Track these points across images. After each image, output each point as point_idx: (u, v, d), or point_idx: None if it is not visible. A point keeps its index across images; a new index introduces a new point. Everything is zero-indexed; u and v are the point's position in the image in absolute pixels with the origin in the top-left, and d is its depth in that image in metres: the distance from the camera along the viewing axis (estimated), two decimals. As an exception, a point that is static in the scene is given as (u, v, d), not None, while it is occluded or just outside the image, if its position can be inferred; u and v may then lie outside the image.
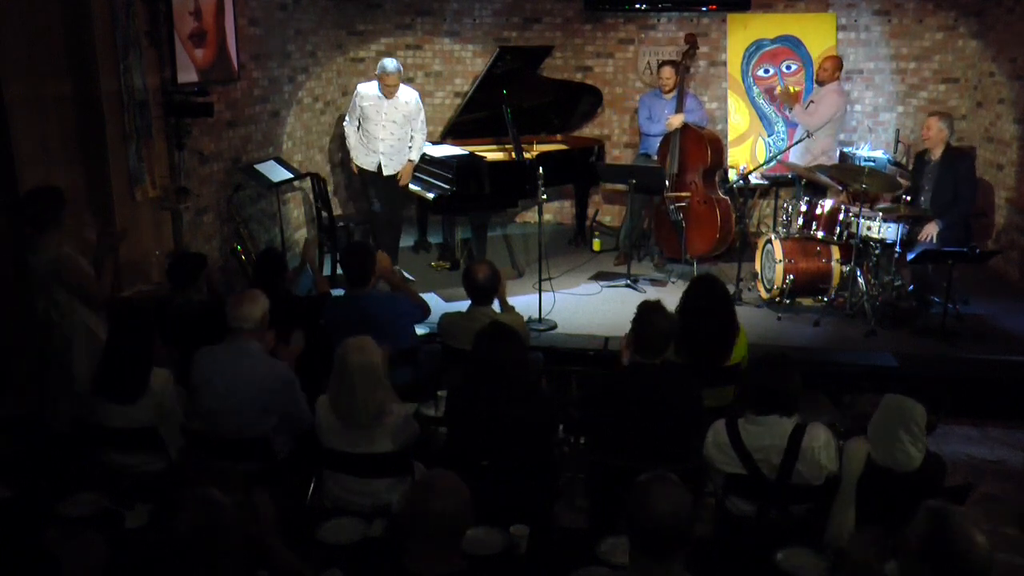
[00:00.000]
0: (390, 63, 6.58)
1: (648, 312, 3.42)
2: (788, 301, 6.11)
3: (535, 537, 2.81)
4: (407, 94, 6.73)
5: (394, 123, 6.70)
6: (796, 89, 7.74)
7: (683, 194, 6.89)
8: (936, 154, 5.94)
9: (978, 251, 5.83)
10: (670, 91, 7.12)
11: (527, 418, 3.25)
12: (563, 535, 3.11)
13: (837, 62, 7.05)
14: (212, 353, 3.60)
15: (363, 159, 6.87)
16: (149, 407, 3.47)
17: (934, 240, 5.75)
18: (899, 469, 2.86)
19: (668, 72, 7.12)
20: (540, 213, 5.93)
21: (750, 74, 8.03)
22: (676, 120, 6.94)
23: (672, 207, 6.85)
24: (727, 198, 7.16)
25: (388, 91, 6.61)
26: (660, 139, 7.13)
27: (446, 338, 4.43)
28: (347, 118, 6.95)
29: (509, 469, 3.21)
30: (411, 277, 6.60)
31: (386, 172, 6.81)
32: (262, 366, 3.54)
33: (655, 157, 7.18)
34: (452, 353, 4.36)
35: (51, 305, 4.05)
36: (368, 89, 6.72)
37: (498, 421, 3.21)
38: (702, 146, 7.00)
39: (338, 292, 5.25)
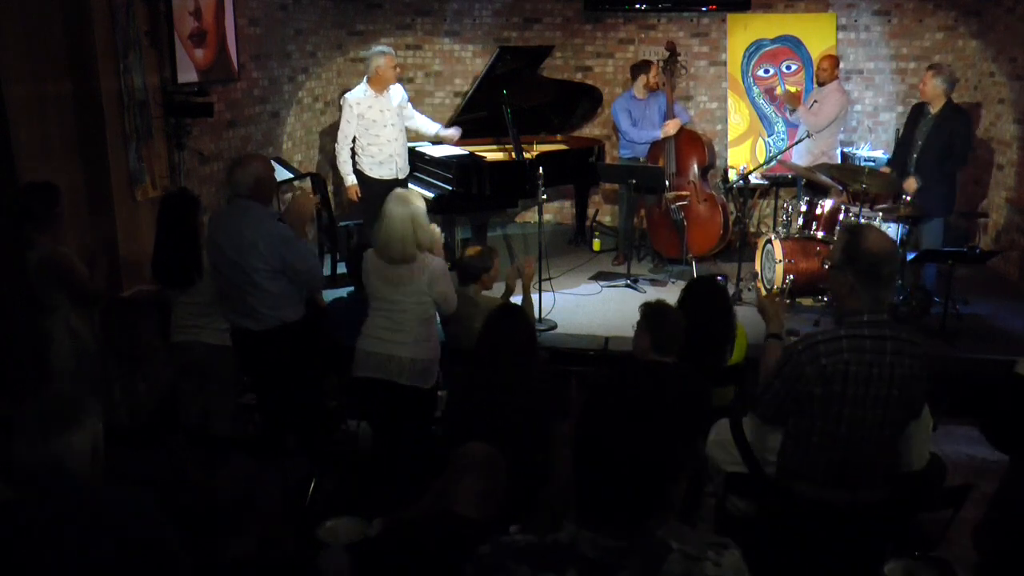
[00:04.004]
0: (386, 47, 6.38)
1: (663, 311, 3.50)
2: (788, 301, 6.10)
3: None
4: (392, 86, 6.45)
5: (398, 116, 6.43)
6: (796, 89, 7.74)
7: (684, 193, 6.89)
8: (935, 107, 5.92)
9: (978, 251, 5.83)
10: (653, 90, 7.12)
11: (527, 409, 3.28)
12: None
13: (834, 60, 7.05)
14: (218, 217, 3.99)
15: (378, 170, 6.41)
16: (207, 288, 3.98)
17: (909, 198, 5.78)
18: (902, 469, 2.86)
19: (655, 69, 7.14)
20: (540, 213, 5.93)
21: (750, 74, 8.03)
22: (673, 126, 6.95)
23: (674, 207, 6.85)
24: (722, 195, 7.18)
25: (394, 78, 6.30)
26: (647, 145, 7.13)
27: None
28: (340, 142, 6.39)
29: (509, 464, 3.22)
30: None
31: (402, 175, 6.53)
32: (261, 224, 3.76)
33: (643, 160, 7.17)
34: (453, 354, 4.37)
35: (44, 303, 4.04)
36: (359, 94, 6.34)
37: (499, 413, 3.24)
38: (698, 145, 7.02)
39: (339, 293, 5.26)
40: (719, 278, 5.84)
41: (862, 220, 5.75)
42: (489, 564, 1.52)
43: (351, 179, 6.45)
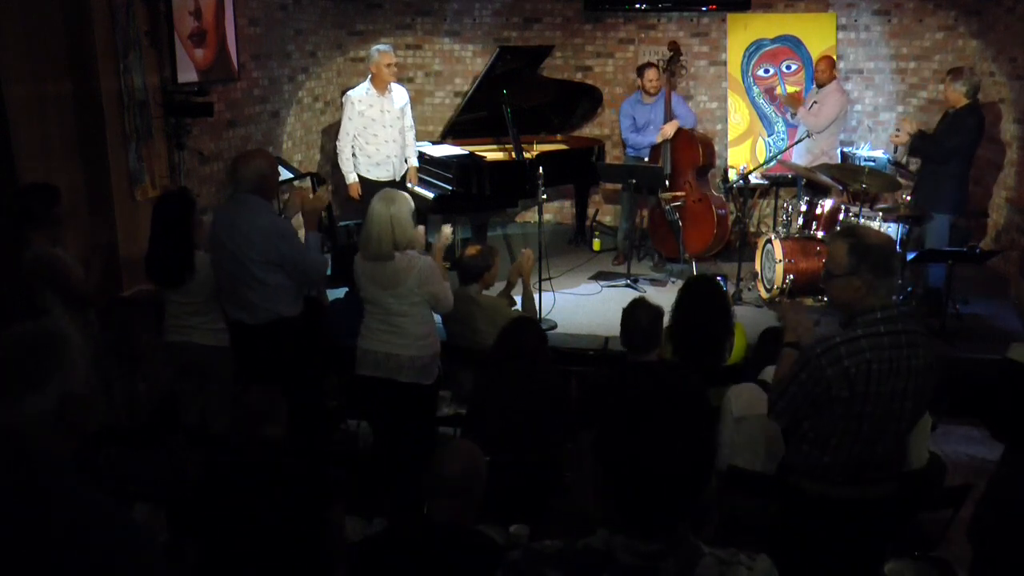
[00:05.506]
0: (383, 45, 6.42)
1: (629, 309, 3.48)
2: (788, 301, 6.10)
3: (535, 537, 2.81)
4: (397, 88, 6.53)
5: (397, 119, 6.46)
6: (796, 90, 7.75)
7: (679, 193, 6.90)
8: (956, 108, 5.94)
9: (978, 251, 5.83)
10: (653, 94, 7.12)
11: (533, 411, 3.29)
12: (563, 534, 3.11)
13: (830, 61, 7.07)
14: (220, 212, 3.98)
15: (376, 171, 6.41)
16: (201, 289, 3.96)
17: (899, 134, 6.11)
18: (903, 469, 2.86)
19: (653, 74, 7.12)
20: (540, 213, 5.93)
21: (750, 74, 8.03)
22: (670, 129, 6.95)
23: (668, 207, 6.85)
24: (722, 196, 7.17)
25: (389, 76, 6.33)
26: (649, 148, 7.13)
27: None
28: (341, 139, 6.43)
29: (514, 464, 3.23)
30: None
31: (399, 177, 6.54)
32: (259, 217, 3.80)
33: (646, 161, 7.17)
34: (454, 352, 4.37)
35: (39, 304, 4.02)
36: (360, 93, 6.38)
37: (510, 414, 3.26)
38: (693, 145, 7.02)
39: (340, 293, 5.26)
40: (719, 278, 5.83)
41: (862, 220, 5.75)
42: (522, 570, 1.53)
43: (352, 177, 6.45)
